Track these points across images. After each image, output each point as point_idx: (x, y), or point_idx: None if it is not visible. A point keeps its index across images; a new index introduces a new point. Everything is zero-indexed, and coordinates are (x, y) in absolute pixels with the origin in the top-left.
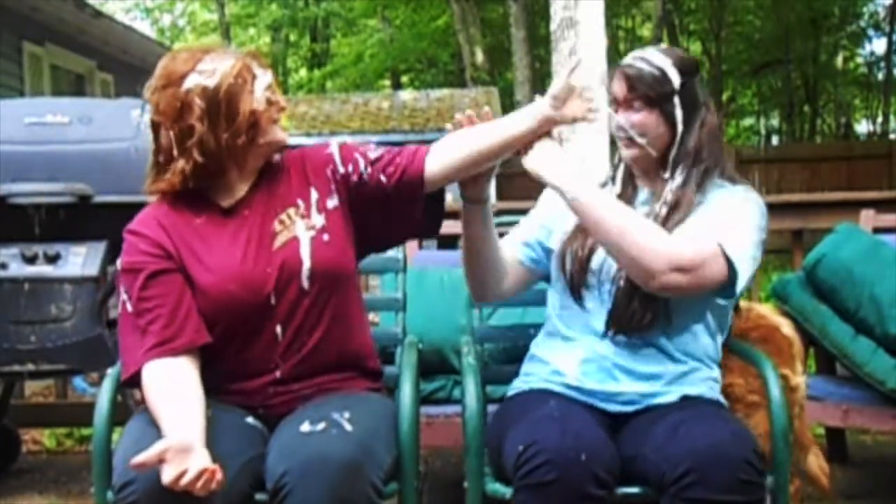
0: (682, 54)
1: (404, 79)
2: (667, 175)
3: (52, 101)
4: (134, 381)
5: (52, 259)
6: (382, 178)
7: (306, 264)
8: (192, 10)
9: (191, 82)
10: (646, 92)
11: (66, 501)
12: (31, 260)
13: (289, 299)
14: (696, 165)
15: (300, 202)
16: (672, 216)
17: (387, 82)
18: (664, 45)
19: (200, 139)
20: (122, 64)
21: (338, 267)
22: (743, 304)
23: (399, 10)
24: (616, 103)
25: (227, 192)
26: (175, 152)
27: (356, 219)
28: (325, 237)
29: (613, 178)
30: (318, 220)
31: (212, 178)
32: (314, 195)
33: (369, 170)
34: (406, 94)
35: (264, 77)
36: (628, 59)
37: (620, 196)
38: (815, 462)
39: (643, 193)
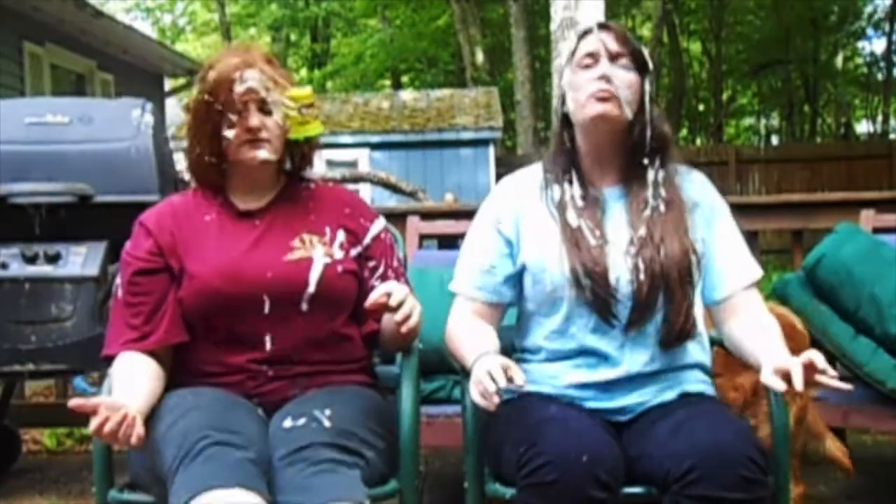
0: None
1: (404, 79)
2: (645, 161)
3: (53, 101)
4: (109, 360)
5: (53, 259)
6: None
7: (310, 288)
8: (192, 10)
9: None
10: (636, 50)
11: (67, 501)
12: (31, 260)
13: (283, 315)
14: (671, 149)
15: (327, 230)
16: (670, 213)
17: (387, 82)
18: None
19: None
20: (123, 64)
21: (343, 294)
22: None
23: (399, 10)
24: (596, 58)
25: (243, 196)
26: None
27: None
28: (340, 269)
29: (570, 178)
30: (338, 254)
31: (219, 178)
32: (341, 236)
33: (380, 272)
34: (406, 94)
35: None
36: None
37: (585, 198)
38: (834, 445)
39: (610, 189)
